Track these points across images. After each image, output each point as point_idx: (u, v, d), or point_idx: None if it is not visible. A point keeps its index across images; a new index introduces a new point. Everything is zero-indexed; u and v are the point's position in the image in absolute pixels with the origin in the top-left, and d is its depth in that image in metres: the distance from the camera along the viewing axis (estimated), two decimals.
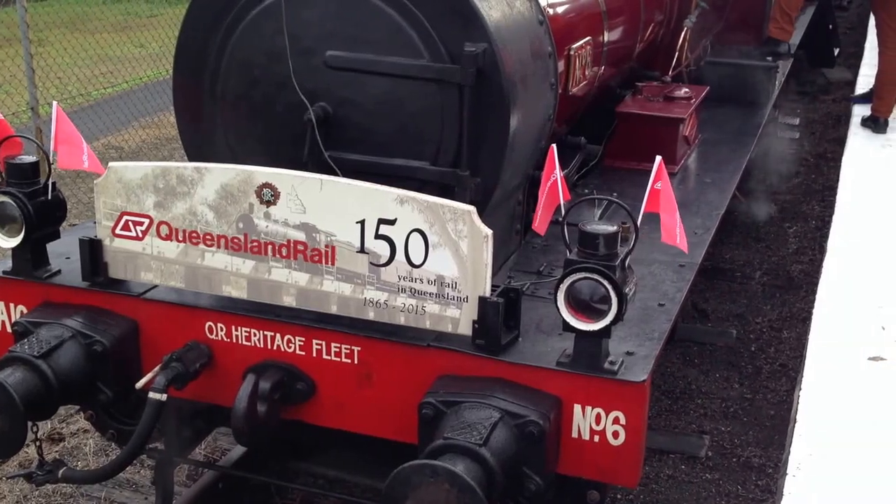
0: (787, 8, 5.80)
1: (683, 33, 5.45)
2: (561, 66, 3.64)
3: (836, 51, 9.94)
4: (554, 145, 2.79)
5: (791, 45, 6.15)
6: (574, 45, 3.73)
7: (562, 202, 2.76)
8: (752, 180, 6.23)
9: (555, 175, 2.76)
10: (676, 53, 5.48)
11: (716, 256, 6.28)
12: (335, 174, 2.96)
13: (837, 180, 6.02)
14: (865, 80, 7.78)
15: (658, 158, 2.66)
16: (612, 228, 2.62)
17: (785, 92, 7.02)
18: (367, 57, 2.98)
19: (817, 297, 4.25)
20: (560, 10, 3.70)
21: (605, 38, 4.22)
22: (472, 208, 2.68)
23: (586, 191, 4.15)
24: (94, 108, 9.25)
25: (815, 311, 4.13)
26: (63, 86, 9.68)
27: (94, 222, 3.08)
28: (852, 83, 8.89)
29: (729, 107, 5.50)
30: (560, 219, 2.65)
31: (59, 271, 3.20)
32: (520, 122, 3.08)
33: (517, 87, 3.03)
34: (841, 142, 7.28)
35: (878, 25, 6.68)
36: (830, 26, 9.65)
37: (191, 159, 3.31)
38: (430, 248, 2.72)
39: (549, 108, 3.41)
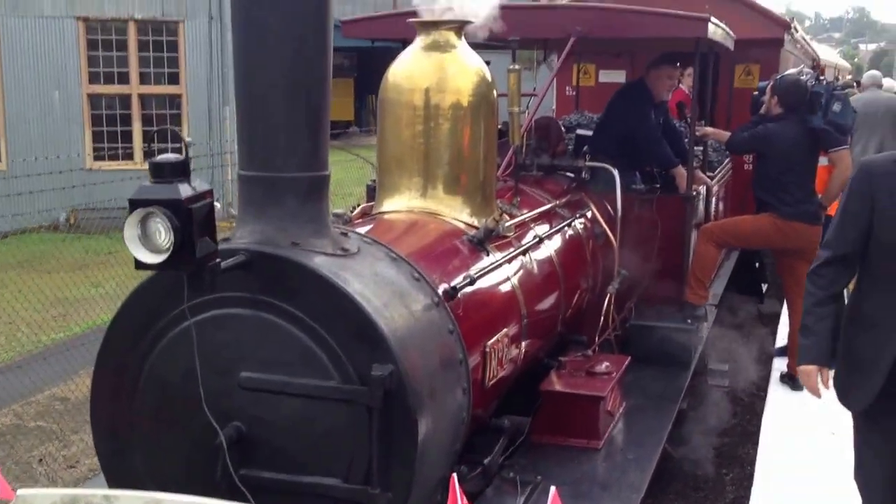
0: (699, 275, 6.07)
1: (607, 299, 5.63)
2: (478, 360, 3.74)
3: (765, 287, 10.30)
4: (454, 475, 2.81)
5: (707, 308, 6.40)
6: (490, 342, 3.84)
7: None
8: (687, 425, 6.27)
9: None
10: (602, 319, 5.64)
11: None
12: (247, 495, 2.95)
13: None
14: (786, 329, 8.00)
15: (552, 490, 2.67)
16: None
17: (713, 341, 7.20)
18: (279, 378, 3.04)
19: None
20: (472, 309, 3.80)
21: (525, 324, 4.34)
22: None
23: (511, 474, 4.15)
24: (44, 356, 9.17)
25: None
26: (13, 332, 9.66)
27: None
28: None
29: (654, 368, 5.62)
30: None
31: None
32: (429, 434, 3.11)
33: (425, 403, 3.09)
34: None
35: (784, 289, 6.98)
36: (757, 264, 10.05)
37: (106, 475, 3.29)
38: None
39: (463, 412, 3.46)
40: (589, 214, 5.91)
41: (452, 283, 3.64)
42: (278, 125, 3.12)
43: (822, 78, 6.87)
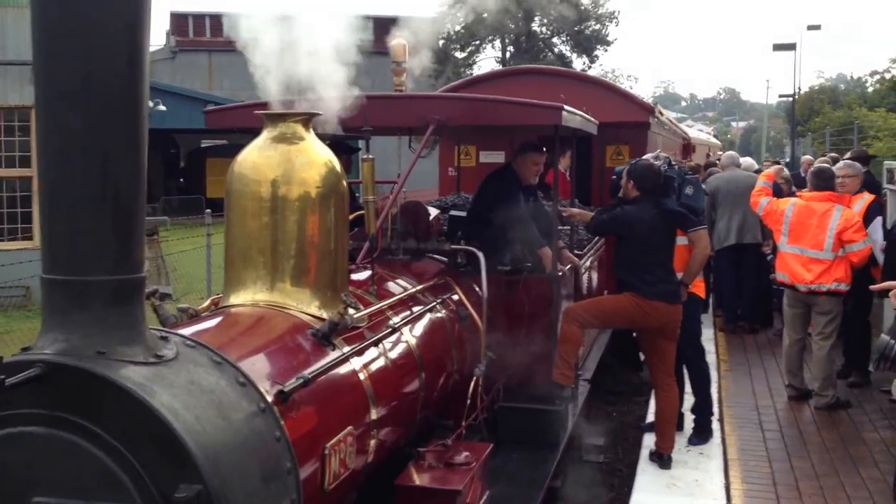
0: (565, 356, 5.83)
1: (474, 381, 5.34)
2: (315, 465, 3.38)
3: (643, 356, 10.15)
4: None
5: (580, 384, 6.17)
6: (330, 443, 3.48)
7: None
8: None
9: None
10: (468, 402, 5.34)
11: None
12: None
13: None
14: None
15: None
16: None
17: (588, 415, 6.96)
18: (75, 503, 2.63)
19: None
20: (308, 410, 3.43)
21: (374, 416, 4.00)
22: None
23: None
24: None
25: None
26: None
27: None
28: None
29: (523, 451, 5.34)
30: None
31: None
32: None
33: None
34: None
35: (649, 367, 6.81)
36: (634, 334, 9.92)
37: None
38: None
39: None
40: (455, 297, 5.64)
41: (284, 386, 3.28)
42: (82, 227, 2.75)
43: (674, 163, 6.81)
